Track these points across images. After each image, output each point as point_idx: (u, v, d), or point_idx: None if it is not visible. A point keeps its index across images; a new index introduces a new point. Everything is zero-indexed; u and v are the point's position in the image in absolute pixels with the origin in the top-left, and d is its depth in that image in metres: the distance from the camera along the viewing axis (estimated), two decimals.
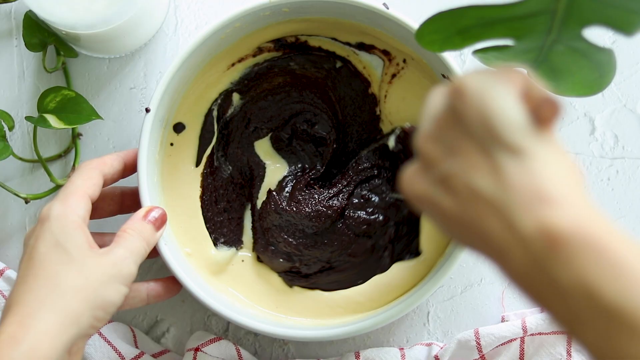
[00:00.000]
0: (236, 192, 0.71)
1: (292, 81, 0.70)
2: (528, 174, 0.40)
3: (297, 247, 0.68)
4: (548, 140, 0.41)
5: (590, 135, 0.71)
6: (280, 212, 0.68)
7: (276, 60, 0.70)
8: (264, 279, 0.70)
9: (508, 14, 0.46)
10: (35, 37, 0.69)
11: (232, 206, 0.70)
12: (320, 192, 0.69)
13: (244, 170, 0.71)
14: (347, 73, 0.70)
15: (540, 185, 0.39)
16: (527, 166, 0.40)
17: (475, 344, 0.66)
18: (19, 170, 0.72)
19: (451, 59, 0.63)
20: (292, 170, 0.71)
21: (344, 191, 0.69)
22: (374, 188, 0.70)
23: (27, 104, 0.72)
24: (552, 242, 0.38)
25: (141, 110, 0.72)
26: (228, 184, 0.70)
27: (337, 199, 0.69)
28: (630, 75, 0.71)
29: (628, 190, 0.71)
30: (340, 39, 0.69)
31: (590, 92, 0.55)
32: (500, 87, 0.41)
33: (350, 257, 0.68)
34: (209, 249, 0.68)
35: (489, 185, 0.40)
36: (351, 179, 0.69)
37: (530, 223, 0.39)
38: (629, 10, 0.44)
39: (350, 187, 0.69)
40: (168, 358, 0.69)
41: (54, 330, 0.52)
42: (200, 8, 0.73)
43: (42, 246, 0.56)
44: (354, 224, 0.68)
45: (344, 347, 0.70)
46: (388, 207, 0.69)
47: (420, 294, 0.63)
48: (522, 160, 0.40)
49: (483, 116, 0.41)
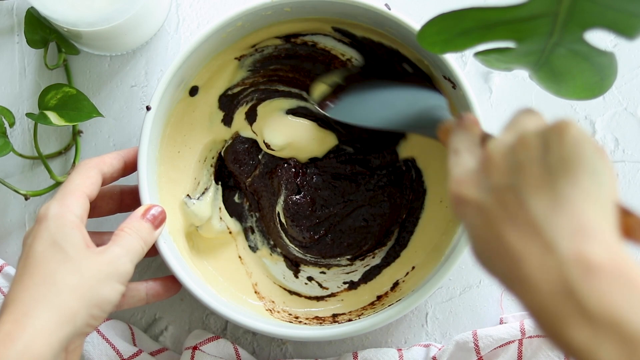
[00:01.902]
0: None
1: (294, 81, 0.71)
2: (579, 208, 0.42)
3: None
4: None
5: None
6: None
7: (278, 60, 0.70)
8: (264, 279, 0.70)
9: (510, 16, 0.46)
10: (36, 34, 0.69)
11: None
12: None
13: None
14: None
15: (588, 221, 0.41)
16: (581, 202, 0.42)
17: (474, 346, 0.66)
18: (19, 167, 0.72)
19: (452, 61, 0.63)
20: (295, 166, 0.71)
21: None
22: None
23: (28, 100, 0.72)
24: (589, 269, 0.40)
25: (142, 109, 0.72)
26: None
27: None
28: (631, 78, 0.71)
29: (628, 194, 0.71)
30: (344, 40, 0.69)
31: (591, 95, 0.55)
32: (602, 153, 0.44)
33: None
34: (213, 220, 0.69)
35: (541, 209, 0.42)
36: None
37: (570, 250, 0.40)
38: (631, 13, 0.44)
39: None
40: (166, 356, 0.69)
41: (49, 328, 0.52)
42: (202, 7, 0.73)
43: (39, 245, 0.56)
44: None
45: (342, 348, 0.70)
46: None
47: (419, 295, 0.63)
48: (581, 197, 0.42)
49: (572, 159, 0.43)
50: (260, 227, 0.71)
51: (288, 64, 0.70)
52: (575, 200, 0.42)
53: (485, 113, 0.71)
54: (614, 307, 0.39)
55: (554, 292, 0.40)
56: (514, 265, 0.42)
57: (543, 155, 0.44)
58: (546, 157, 0.44)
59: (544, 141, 0.44)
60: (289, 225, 0.69)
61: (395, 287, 0.68)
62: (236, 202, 0.71)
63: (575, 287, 0.39)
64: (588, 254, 0.40)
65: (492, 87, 0.72)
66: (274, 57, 0.70)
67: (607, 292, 0.39)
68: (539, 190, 0.43)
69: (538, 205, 0.42)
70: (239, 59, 0.69)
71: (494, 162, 0.45)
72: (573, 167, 0.43)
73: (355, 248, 0.70)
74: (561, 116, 0.46)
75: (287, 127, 0.69)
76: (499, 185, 0.44)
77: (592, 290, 0.39)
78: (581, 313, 0.39)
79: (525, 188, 0.43)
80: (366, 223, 0.70)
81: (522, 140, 0.45)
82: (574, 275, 0.40)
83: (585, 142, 0.43)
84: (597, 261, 0.40)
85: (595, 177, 0.42)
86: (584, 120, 0.71)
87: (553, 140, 0.44)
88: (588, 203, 0.42)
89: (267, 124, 0.70)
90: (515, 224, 0.43)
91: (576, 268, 0.40)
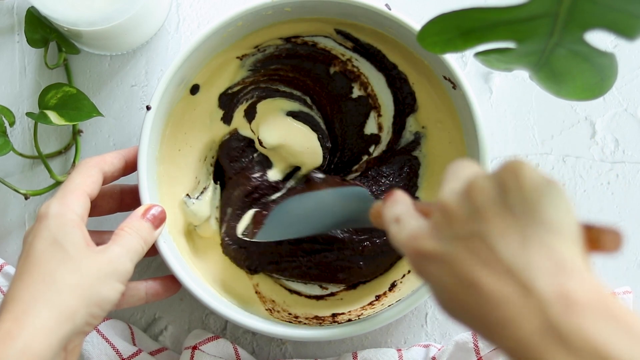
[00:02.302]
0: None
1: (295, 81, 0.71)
2: (551, 246, 0.42)
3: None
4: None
5: (591, 139, 0.71)
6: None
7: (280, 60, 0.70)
8: (265, 278, 0.70)
9: (510, 16, 0.46)
10: (37, 33, 0.69)
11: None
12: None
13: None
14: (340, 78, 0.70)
15: (562, 258, 0.41)
16: (551, 239, 0.42)
17: (473, 346, 0.66)
18: (19, 166, 0.72)
19: (453, 61, 0.63)
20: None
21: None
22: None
23: (28, 100, 0.72)
24: (571, 305, 0.40)
25: (142, 108, 0.72)
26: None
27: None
28: (631, 79, 0.71)
29: (628, 195, 0.71)
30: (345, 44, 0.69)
31: (592, 96, 0.55)
32: (552, 183, 0.44)
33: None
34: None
35: (513, 252, 0.42)
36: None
37: (550, 288, 0.40)
38: (631, 14, 0.44)
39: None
40: (165, 356, 0.69)
41: (48, 326, 0.52)
42: (202, 6, 0.73)
43: (39, 244, 0.56)
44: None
45: (342, 348, 0.70)
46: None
47: (419, 295, 0.63)
48: (550, 235, 0.42)
49: (533, 198, 0.43)
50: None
51: (289, 64, 0.70)
52: (545, 238, 0.42)
53: (485, 113, 0.71)
54: (598, 340, 0.38)
55: (537, 332, 0.40)
56: (492, 310, 0.41)
57: (500, 197, 0.44)
58: (505, 199, 0.43)
59: (499, 183, 0.44)
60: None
61: (393, 288, 0.68)
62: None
63: (559, 324, 0.39)
64: (568, 290, 0.40)
65: (493, 87, 0.72)
66: (274, 57, 0.70)
67: (591, 326, 0.39)
68: (506, 232, 0.43)
69: (509, 248, 0.42)
70: (240, 58, 0.69)
71: (450, 211, 0.45)
72: (535, 206, 0.43)
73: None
74: (510, 158, 0.46)
75: (284, 127, 0.69)
76: (462, 233, 0.44)
77: (575, 326, 0.39)
78: (566, 348, 0.39)
79: (492, 232, 0.43)
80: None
81: (473, 185, 0.45)
82: (556, 313, 0.40)
83: (540, 179, 0.44)
84: (577, 297, 0.40)
85: (557, 212, 0.43)
86: (584, 121, 0.71)
87: (510, 182, 0.44)
88: (557, 239, 0.42)
89: (265, 120, 0.69)
90: (488, 268, 0.42)
91: (558, 306, 0.40)
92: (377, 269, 0.69)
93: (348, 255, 0.68)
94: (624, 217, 0.70)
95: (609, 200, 0.71)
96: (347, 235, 0.68)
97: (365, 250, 0.68)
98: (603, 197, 0.71)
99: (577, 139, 0.71)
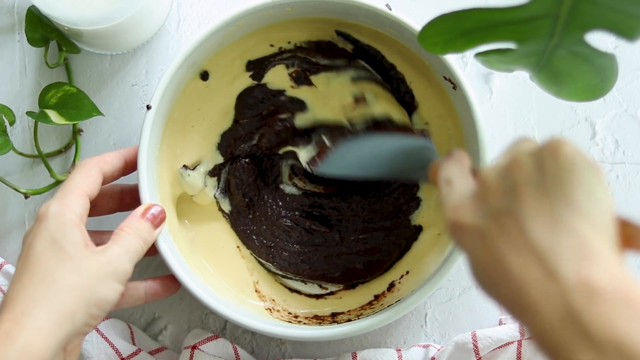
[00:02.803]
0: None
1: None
2: (579, 232, 0.42)
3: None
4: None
5: (591, 139, 0.71)
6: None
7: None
8: (266, 276, 0.70)
9: (511, 17, 0.46)
10: (37, 32, 0.69)
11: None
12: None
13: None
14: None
15: (588, 244, 0.41)
16: (580, 225, 0.42)
17: (473, 347, 0.66)
18: (19, 165, 0.72)
19: (453, 62, 0.63)
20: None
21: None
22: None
23: (29, 99, 0.72)
24: (592, 293, 0.39)
25: (142, 107, 0.72)
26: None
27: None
28: (631, 80, 0.71)
29: (628, 195, 0.71)
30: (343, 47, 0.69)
31: (592, 96, 0.55)
32: (596, 169, 0.44)
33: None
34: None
35: (541, 234, 0.42)
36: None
37: (572, 275, 0.40)
38: (632, 15, 0.44)
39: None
40: (165, 355, 0.69)
41: (48, 327, 0.52)
42: (203, 6, 0.73)
43: (39, 244, 0.56)
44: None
45: (341, 348, 0.70)
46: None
47: (418, 296, 0.63)
48: (580, 220, 0.42)
49: (568, 180, 0.43)
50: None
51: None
52: (575, 223, 0.42)
53: (485, 114, 0.71)
54: (618, 330, 0.38)
55: (558, 318, 0.40)
56: (517, 291, 0.42)
57: (538, 175, 0.44)
58: (541, 177, 0.43)
59: (538, 161, 0.44)
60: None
61: (392, 288, 0.68)
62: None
63: (579, 312, 0.39)
64: (591, 278, 0.40)
65: (493, 88, 0.72)
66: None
67: (611, 316, 0.39)
68: (538, 213, 0.43)
69: (538, 230, 0.42)
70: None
71: (489, 186, 0.45)
72: (569, 188, 0.43)
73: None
74: (555, 135, 0.46)
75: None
76: (497, 209, 0.44)
77: (596, 315, 0.39)
78: (586, 338, 0.39)
79: (524, 211, 0.43)
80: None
81: (514, 161, 0.45)
82: (577, 301, 0.39)
83: (579, 160, 0.43)
84: (600, 285, 0.40)
85: (592, 197, 0.42)
86: (584, 121, 0.71)
87: (547, 160, 0.44)
88: (587, 225, 0.42)
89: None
90: (515, 248, 0.42)
91: (579, 293, 0.40)
92: (375, 269, 0.69)
93: (344, 253, 0.68)
94: None
95: None
96: (346, 233, 0.68)
97: (363, 251, 0.68)
98: None
99: (577, 139, 0.71)
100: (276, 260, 0.69)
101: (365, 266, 0.69)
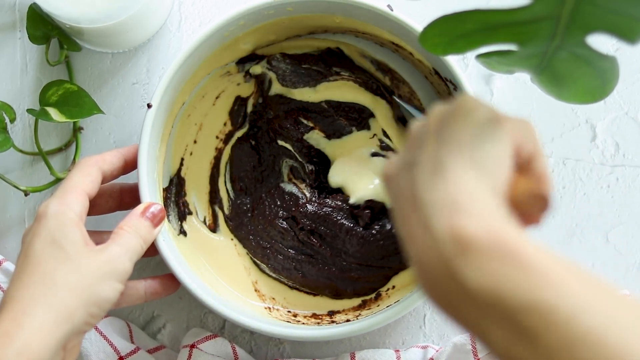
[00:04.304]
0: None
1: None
2: (459, 180, 0.40)
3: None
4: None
5: (591, 142, 0.71)
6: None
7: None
8: (265, 276, 0.70)
9: (512, 18, 0.46)
10: (38, 30, 0.69)
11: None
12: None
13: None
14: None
15: (466, 193, 0.39)
16: (462, 173, 0.40)
17: (471, 348, 0.66)
18: (19, 163, 0.72)
19: (454, 63, 0.63)
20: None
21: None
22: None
23: (29, 96, 0.72)
24: (462, 245, 0.37)
25: (143, 106, 0.72)
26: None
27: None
28: (632, 83, 0.71)
29: (628, 198, 0.71)
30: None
31: (593, 99, 0.55)
32: (497, 122, 0.42)
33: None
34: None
35: (422, 184, 0.41)
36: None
37: (443, 227, 0.38)
38: (633, 18, 0.44)
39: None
40: (163, 354, 0.69)
41: (47, 326, 0.52)
42: (204, 5, 0.73)
43: (38, 243, 0.56)
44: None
45: (340, 348, 0.70)
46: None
47: (417, 296, 0.63)
48: (463, 168, 0.40)
49: (461, 129, 0.42)
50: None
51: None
52: (456, 171, 0.40)
53: None
54: (493, 284, 0.36)
55: (439, 274, 0.38)
56: (408, 246, 0.40)
57: (439, 125, 0.43)
58: (441, 128, 0.43)
59: (446, 113, 0.43)
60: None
61: (378, 298, 0.68)
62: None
63: (454, 266, 0.37)
64: (460, 229, 0.38)
65: (494, 89, 0.72)
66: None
67: (485, 268, 0.36)
68: (427, 162, 0.41)
69: (421, 180, 0.41)
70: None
71: (410, 139, 0.46)
72: (459, 136, 0.41)
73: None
74: (464, 96, 0.44)
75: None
76: (407, 160, 0.44)
77: (469, 268, 0.37)
78: (465, 294, 0.37)
79: (418, 161, 0.42)
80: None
81: (430, 115, 0.45)
82: (450, 254, 0.37)
83: (476, 110, 0.42)
84: (471, 236, 0.37)
85: (481, 145, 0.40)
86: (585, 124, 0.71)
87: (449, 113, 0.43)
88: (471, 173, 0.40)
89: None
90: (407, 200, 0.41)
91: (451, 245, 0.37)
92: (364, 293, 0.69)
93: (335, 275, 0.68)
94: (624, 221, 0.70)
95: (609, 203, 0.71)
96: (337, 254, 0.68)
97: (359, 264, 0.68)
98: (603, 200, 0.71)
99: (577, 141, 0.71)
100: (271, 262, 0.69)
101: (356, 292, 0.69)
